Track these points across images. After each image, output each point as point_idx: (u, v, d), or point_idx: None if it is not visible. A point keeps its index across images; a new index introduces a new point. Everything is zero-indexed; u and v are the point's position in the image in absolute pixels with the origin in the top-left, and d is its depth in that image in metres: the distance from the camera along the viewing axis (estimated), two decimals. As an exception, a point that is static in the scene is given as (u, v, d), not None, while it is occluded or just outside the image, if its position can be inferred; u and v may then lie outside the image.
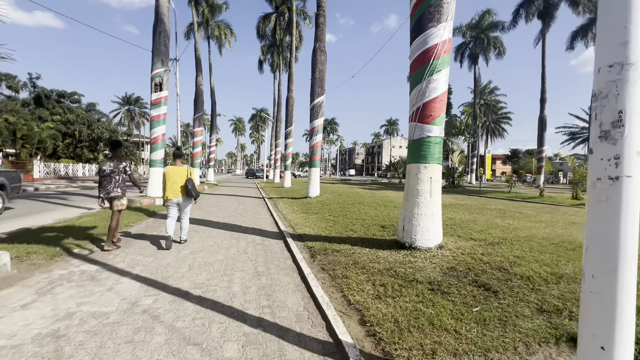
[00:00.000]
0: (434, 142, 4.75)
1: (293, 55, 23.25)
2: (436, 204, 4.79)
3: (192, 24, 23.14)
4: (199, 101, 21.45)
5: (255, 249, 5.37)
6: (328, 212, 9.29)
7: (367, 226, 6.85)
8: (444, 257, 4.38)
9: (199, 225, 7.28)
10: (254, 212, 9.90)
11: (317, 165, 13.61)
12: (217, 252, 5.09)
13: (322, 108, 13.44)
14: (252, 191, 19.11)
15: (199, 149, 22.03)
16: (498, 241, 5.22)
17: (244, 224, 7.75)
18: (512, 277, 3.55)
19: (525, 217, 8.39)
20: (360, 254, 4.73)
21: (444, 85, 4.75)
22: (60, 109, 34.95)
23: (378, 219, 7.66)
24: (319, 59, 13.33)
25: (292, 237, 6.20)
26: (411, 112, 4.96)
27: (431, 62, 4.66)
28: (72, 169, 30.57)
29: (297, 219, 8.40)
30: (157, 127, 11.93)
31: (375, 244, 5.33)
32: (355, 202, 11.07)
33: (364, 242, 5.51)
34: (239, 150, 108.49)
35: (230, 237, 6.29)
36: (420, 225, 4.71)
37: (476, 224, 6.97)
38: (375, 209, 9.33)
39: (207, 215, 8.96)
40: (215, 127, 28.80)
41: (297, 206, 11.05)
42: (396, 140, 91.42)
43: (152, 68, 11.86)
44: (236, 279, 3.92)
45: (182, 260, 4.64)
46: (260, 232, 6.85)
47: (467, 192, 19.40)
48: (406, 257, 4.44)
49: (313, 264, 4.45)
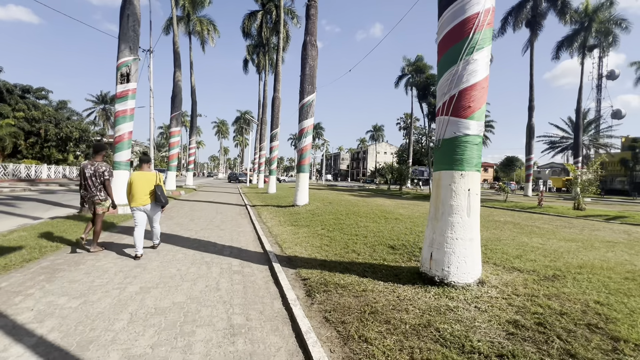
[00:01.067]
0: (473, 143, 3.59)
1: (280, 52, 22.00)
2: (475, 224, 3.62)
3: (172, 17, 21.51)
4: (177, 99, 19.75)
5: (232, 282, 4.02)
6: (320, 224, 8.01)
7: (371, 246, 5.62)
8: (493, 300, 3.19)
9: (163, 244, 5.83)
10: (234, 224, 8.49)
11: (306, 170, 12.32)
12: (177, 289, 3.70)
13: (313, 107, 12.21)
14: (233, 197, 17.57)
15: (175, 151, 20.24)
16: (552, 273, 4.06)
17: (220, 241, 6.35)
18: (619, 344, 2.38)
19: (549, 234, 7.37)
20: (375, 291, 3.48)
21: (485, 68, 3.62)
22: (24, 105, 32.12)
23: (382, 235, 6.45)
24: (310, 54, 12.13)
25: (280, 260, 4.89)
26: (440, 103, 3.79)
27: (470, 37, 3.51)
28: (35, 170, 27.87)
29: (285, 233, 7.08)
30: (122, 123, 10.32)
31: (389, 274, 4.09)
32: (349, 212, 9.85)
33: (374, 270, 4.27)
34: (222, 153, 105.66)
35: (200, 261, 4.90)
36: (456, 254, 3.51)
37: (503, 244, 5.84)
38: (375, 221, 8.13)
39: (176, 228, 7.49)
40: (195, 128, 26.99)
41: (284, 216, 9.71)
42: (381, 146, 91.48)
43: (118, 56, 10.29)
44: (198, 343, 2.57)
45: (123, 304, 3.23)
46: (240, 253, 5.48)
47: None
48: (440, 298, 3.22)
49: (312, 310, 3.15)
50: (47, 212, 9.76)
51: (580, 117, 30.43)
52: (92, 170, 5.03)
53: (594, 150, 49.55)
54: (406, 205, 13.22)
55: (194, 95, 26.55)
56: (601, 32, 28.24)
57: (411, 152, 46.90)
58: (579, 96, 29.66)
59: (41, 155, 33.26)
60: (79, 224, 7.27)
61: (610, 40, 28.68)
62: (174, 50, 20.22)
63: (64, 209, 10.51)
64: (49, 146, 33.42)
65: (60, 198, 13.92)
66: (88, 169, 5.03)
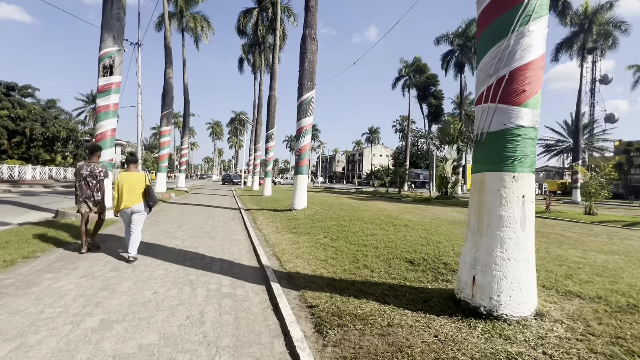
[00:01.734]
0: (527, 137, 2.85)
1: (277, 50, 21.22)
2: (531, 241, 2.87)
3: (164, 12, 20.63)
4: (168, 96, 18.83)
5: (221, 310, 3.20)
6: (322, 231, 7.23)
7: (385, 259, 4.84)
8: (565, 342, 2.42)
9: (142, 256, 4.99)
10: (226, 231, 7.66)
11: (305, 172, 11.52)
12: (149, 323, 2.87)
13: (312, 105, 11.44)
14: (227, 200, 16.68)
15: (166, 151, 19.28)
16: (626, 301, 3.27)
17: (209, 252, 5.52)
18: None
19: (579, 244, 6.57)
20: (404, 327, 2.71)
21: (542, 43, 2.88)
22: (8, 103, 30.78)
23: (395, 246, 5.67)
24: (309, 48, 11.38)
25: (279, 278, 4.09)
26: (483, 88, 3.05)
27: (525, 3, 2.78)
28: (18, 171, 26.62)
29: (283, 242, 6.28)
30: (105, 119, 9.43)
31: (416, 299, 3.32)
32: (352, 217, 9.07)
33: (395, 293, 3.49)
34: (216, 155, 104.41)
35: (183, 279, 4.07)
36: (508, 278, 2.75)
37: (539, 258, 5.01)
38: (383, 228, 7.36)
39: (160, 236, 6.64)
40: (187, 127, 26.03)
41: (282, 222, 8.90)
42: (377, 148, 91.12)
43: (100, 46, 9.42)
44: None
45: (72, 349, 2.39)
46: (232, 268, 4.66)
47: (464, 204, 17.95)
48: (493, 339, 2.45)
49: (325, 358, 2.36)
50: (20, 216, 8.82)
51: (579, 120, 30.13)
52: (88, 171, 5.11)
53: (588, 153, 49.68)
54: (410, 210, 12.50)
55: (186, 94, 25.62)
56: (601, 34, 27.99)
57: (408, 154, 46.39)
58: (578, 99, 29.35)
59: (28, 156, 31.94)
60: (49, 231, 6.38)
61: (610, 42, 28.46)
62: (165, 45, 19.32)
63: (41, 213, 9.56)
64: (36, 146, 32.12)
65: (40, 201, 12.92)
66: (84, 170, 5.11)
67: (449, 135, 20.57)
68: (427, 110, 32.91)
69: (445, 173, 20.91)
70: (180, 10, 24.41)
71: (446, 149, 20.68)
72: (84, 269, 4.31)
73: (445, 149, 20.72)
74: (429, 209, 13.23)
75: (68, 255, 4.95)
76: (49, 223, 7.35)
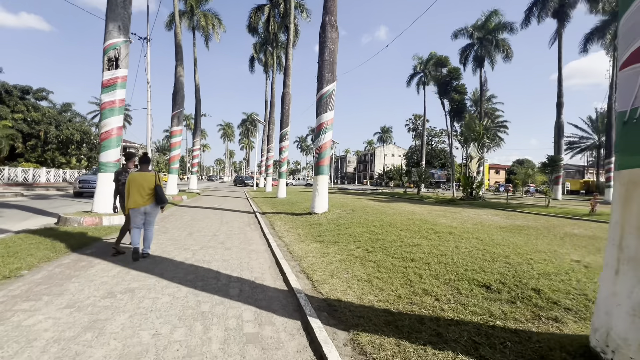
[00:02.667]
0: None
1: (290, 46, 20.32)
2: None
3: (174, 9, 20.03)
4: (179, 95, 18.16)
5: (245, 368, 2.24)
6: (353, 240, 6.23)
7: (448, 282, 3.79)
8: None
9: (144, 274, 4.10)
10: (243, 240, 6.74)
11: (326, 172, 10.54)
12: (143, 394, 1.94)
13: (333, 98, 10.45)
14: (240, 203, 15.86)
15: (177, 152, 18.60)
16: None
17: (225, 269, 4.59)
18: None
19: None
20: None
21: None
22: (23, 106, 30.92)
23: (452, 262, 4.59)
24: (329, 36, 10.40)
25: (317, 309, 3.12)
26: (635, 47, 1.99)
27: None
28: (33, 174, 26.53)
29: (311, 254, 5.32)
30: (110, 117, 8.68)
31: (524, 352, 2.28)
32: (382, 222, 8.01)
33: (488, 340, 2.46)
34: (228, 156, 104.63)
35: (193, 311, 3.14)
36: None
37: None
38: (424, 237, 6.27)
39: (169, 247, 5.76)
40: (199, 128, 25.41)
41: (303, 228, 7.94)
42: (389, 148, 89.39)
43: (105, 37, 8.68)
44: None
45: None
46: (254, 293, 3.71)
47: (493, 205, 16.63)
48: None
49: None
50: (23, 222, 8.15)
51: (612, 114, 28.11)
52: (126, 177, 5.29)
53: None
54: (441, 213, 11.35)
55: (198, 94, 25.02)
56: None
57: (424, 153, 44.85)
58: (610, 92, 27.44)
59: (43, 159, 32.01)
60: (44, 241, 5.59)
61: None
62: (176, 43, 18.68)
63: (45, 218, 8.89)
64: (51, 149, 32.18)
65: (49, 205, 12.35)
66: (122, 176, 5.41)
67: (474, 131, 19.24)
68: (449, 106, 31.39)
69: (470, 172, 19.58)
70: (190, 7, 23.84)
71: (471, 146, 19.34)
72: (70, 294, 3.43)
73: (470, 146, 19.38)
74: (460, 212, 12.05)
75: (57, 274, 4.09)
76: (48, 231, 6.59)
